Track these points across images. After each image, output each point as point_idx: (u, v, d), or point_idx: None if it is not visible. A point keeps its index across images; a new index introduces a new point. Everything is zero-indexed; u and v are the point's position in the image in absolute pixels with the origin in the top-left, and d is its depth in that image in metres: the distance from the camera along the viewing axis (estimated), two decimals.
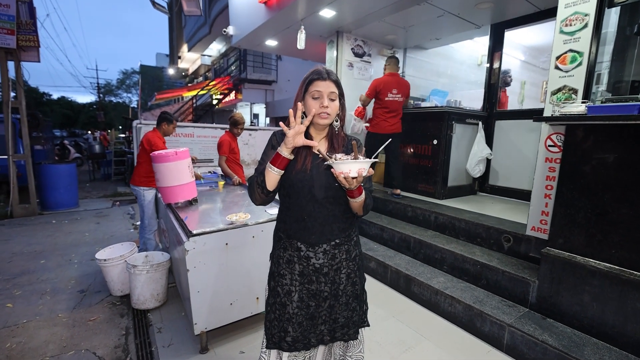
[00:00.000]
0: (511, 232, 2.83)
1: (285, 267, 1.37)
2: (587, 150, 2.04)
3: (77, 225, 5.40)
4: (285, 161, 1.21)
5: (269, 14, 4.88)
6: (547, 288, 2.25)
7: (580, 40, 2.28)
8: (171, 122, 3.59)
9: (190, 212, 2.67)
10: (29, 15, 5.67)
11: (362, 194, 1.23)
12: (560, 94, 2.37)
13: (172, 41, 25.99)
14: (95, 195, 8.15)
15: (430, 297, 2.79)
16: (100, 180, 10.79)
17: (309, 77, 1.27)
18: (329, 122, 1.29)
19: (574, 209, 2.10)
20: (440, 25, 4.69)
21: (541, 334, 2.07)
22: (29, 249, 4.25)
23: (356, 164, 1.07)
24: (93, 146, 12.13)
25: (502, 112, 4.34)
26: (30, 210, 5.87)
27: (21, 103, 5.74)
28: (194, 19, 17.58)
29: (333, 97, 1.25)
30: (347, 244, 1.38)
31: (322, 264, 1.34)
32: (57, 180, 6.25)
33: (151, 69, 40.81)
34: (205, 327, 2.20)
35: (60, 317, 2.74)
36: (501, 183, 4.34)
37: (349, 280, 1.38)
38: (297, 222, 1.33)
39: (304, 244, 1.34)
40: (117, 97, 41.72)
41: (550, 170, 2.46)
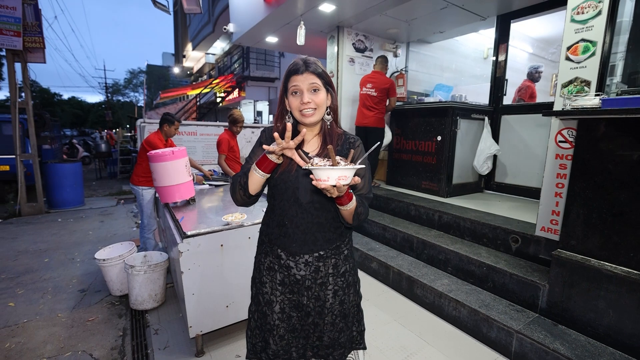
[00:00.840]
0: (519, 233, 2.70)
1: (266, 274, 1.27)
2: (601, 146, 1.90)
3: (82, 223, 5.47)
4: (272, 165, 1.09)
5: (268, 9, 4.79)
6: (558, 292, 2.12)
7: (593, 28, 2.13)
8: (172, 123, 3.54)
9: (188, 212, 2.65)
10: (34, 16, 5.76)
11: (352, 201, 1.09)
12: (572, 87, 2.23)
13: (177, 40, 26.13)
14: (101, 193, 8.27)
15: (433, 300, 2.67)
16: (106, 178, 10.95)
17: (287, 71, 1.14)
18: (316, 119, 1.14)
19: (588, 208, 1.96)
20: (444, 18, 4.53)
21: (552, 342, 1.94)
22: (34, 247, 4.31)
23: (336, 171, 0.91)
24: (99, 145, 12.35)
25: (508, 106, 4.19)
26: (37, 209, 5.97)
27: (28, 103, 5.83)
28: (197, 18, 17.61)
29: (316, 88, 1.10)
30: (334, 257, 1.24)
31: (303, 276, 1.22)
32: (63, 179, 6.33)
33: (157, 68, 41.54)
34: (200, 330, 2.16)
35: (60, 316, 2.75)
36: (508, 180, 4.19)
37: (336, 298, 1.25)
38: (278, 226, 1.23)
39: (284, 251, 1.22)
40: (125, 96, 42.82)
41: (561, 168, 2.32)
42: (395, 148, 4.66)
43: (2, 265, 3.74)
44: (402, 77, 5.42)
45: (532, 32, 5.25)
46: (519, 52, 5.32)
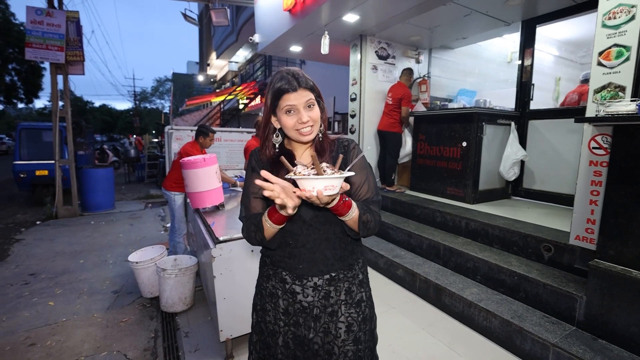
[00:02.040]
0: (551, 241, 2.63)
1: (269, 301, 1.13)
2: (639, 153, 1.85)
3: (113, 226, 5.71)
4: (284, 218, 0.97)
5: (294, 21, 4.92)
6: (597, 305, 2.05)
7: (626, 33, 2.08)
8: (207, 135, 3.67)
9: (217, 217, 2.71)
10: (76, 32, 6.20)
11: (353, 209, 0.97)
12: (605, 92, 2.17)
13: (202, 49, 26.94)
14: (129, 197, 8.60)
15: (463, 310, 2.63)
16: (134, 182, 11.37)
17: (274, 88, 1.01)
18: (315, 135, 1.05)
19: (627, 217, 1.90)
20: (467, 25, 4.52)
21: (593, 357, 1.88)
22: (70, 248, 4.53)
23: (320, 181, 0.82)
24: (129, 150, 12.82)
25: (536, 111, 4.10)
26: (72, 212, 6.32)
27: (67, 112, 6.24)
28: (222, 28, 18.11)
29: (311, 104, 1.02)
30: (347, 281, 1.10)
31: (311, 302, 1.07)
32: (96, 184, 6.69)
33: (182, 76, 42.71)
34: (230, 335, 2.19)
35: (95, 317, 2.88)
36: (537, 187, 4.09)
37: (350, 335, 1.07)
38: (281, 246, 1.09)
39: (289, 274, 1.09)
40: (152, 103, 44.49)
41: (596, 175, 2.26)
42: (419, 154, 4.65)
43: (42, 266, 3.94)
44: (425, 82, 5.41)
45: (559, 34, 5.13)
46: (546, 56, 5.20)
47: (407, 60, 5.54)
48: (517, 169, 3.97)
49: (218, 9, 6.56)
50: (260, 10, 6.24)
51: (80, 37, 6.25)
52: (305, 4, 4.48)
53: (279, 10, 5.19)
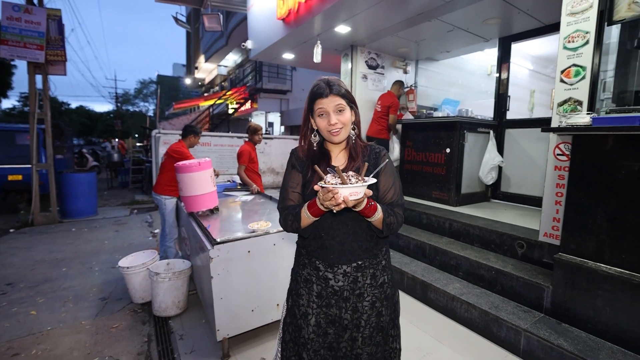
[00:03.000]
0: (524, 238, 2.91)
1: (303, 286, 1.27)
2: (593, 159, 2.14)
3: (97, 233, 5.48)
4: (321, 212, 1.12)
5: (287, 29, 5.08)
6: (561, 293, 2.32)
7: (582, 55, 2.39)
8: (198, 134, 3.73)
9: (212, 221, 2.74)
10: (57, 31, 5.95)
11: (378, 212, 1.12)
12: (567, 106, 2.48)
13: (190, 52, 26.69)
14: (113, 203, 8.25)
15: (446, 303, 2.85)
16: (118, 188, 10.91)
17: (311, 93, 1.20)
18: (344, 137, 1.21)
19: (584, 215, 2.19)
20: (450, 39, 4.84)
21: (557, 339, 2.13)
22: (51, 256, 4.31)
23: (346, 189, 0.97)
24: (111, 154, 12.31)
25: (512, 120, 4.43)
26: (50, 219, 6.00)
27: (46, 114, 5.93)
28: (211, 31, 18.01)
29: (341, 109, 1.17)
30: (372, 267, 1.24)
31: (341, 287, 1.22)
32: (77, 189, 6.39)
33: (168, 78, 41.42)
34: (227, 334, 2.23)
35: (84, 324, 2.78)
36: (513, 190, 4.41)
37: (374, 310, 1.24)
38: (315, 239, 1.24)
39: (322, 263, 1.23)
40: (135, 106, 42.60)
41: (560, 178, 2.55)
42: (406, 159, 4.90)
43: (20, 275, 3.72)
44: (412, 92, 5.70)
45: (533, 51, 5.50)
46: (522, 70, 5.57)
47: (396, 70, 5.83)
48: (495, 173, 4.28)
49: (211, 15, 6.59)
50: (253, 17, 6.37)
51: (63, 36, 6.00)
52: (299, 14, 4.65)
53: (273, 19, 5.34)
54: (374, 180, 1.03)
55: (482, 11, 3.86)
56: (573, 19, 2.43)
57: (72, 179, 6.37)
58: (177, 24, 7.67)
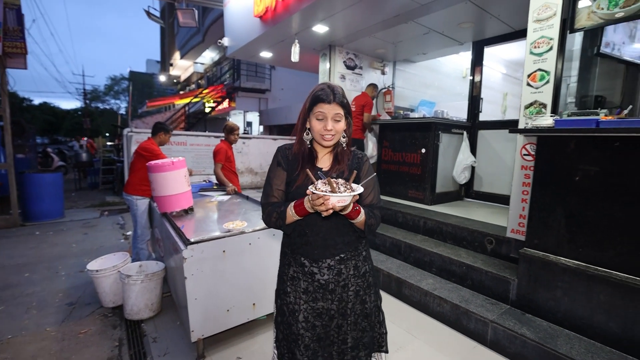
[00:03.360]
0: (493, 235, 3.04)
1: (290, 284, 1.33)
2: (555, 159, 2.27)
3: (64, 236, 5.23)
4: (307, 213, 1.19)
5: (264, 27, 5.06)
6: (525, 286, 2.45)
7: (547, 60, 2.53)
8: (168, 131, 3.63)
9: (187, 221, 2.70)
10: (16, 21, 5.53)
11: (361, 215, 1.21)
12: (532, 108, 2.62)
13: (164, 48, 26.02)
14: (82, 205, 7.88)
15: (420, 299, 2.94)
16: (87, 189, 10.40)
17: (314, 95, 1.24)
18: (333, 143, 1.28)
19: (546, 212, 2.32)
20: (426, 42, 4.97)
21: (520, 328, 2.26)
22: (11, 262, 4.07)
23: (335, 197, 1.05)
24: (79, 154, 11.80)
25: (484, 122, 4.60)
26: (11, 222, 5.66)
27: (5, 110, 5.57)
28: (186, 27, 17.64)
29: (338, 119, 1.23)
30: (354, 259, 1.32)
31: (327, 280, 1.29)
32: (41, 190, 6.06)
33: (141, 75, 39.88)
34: (202, 334, 2.21)
35: (49, 331, 2.65)
36: (485, 189, 4.58)
37: (358, 298, 1.32)
38: (299, 236, 1.30)
39: (307, 259, 1.30)
40: (105, 103, 40.58)
41: (526, 177, 2.69)
42: (383, 159, 5.00)
43: None
44: (390, 93, 5.81)
45: (505, 55, 5.73)
46: (494, 73, 5.78)
47: (374, 71, 5.92)
48: (468, 173, 4.44)
49: (185, 10, 6.40)
50: (230, 14, 6.30)
51: (22, 27, 5.56)
52: (276, 12, 4.64)
53: (250, 16, 5.30)
54: (361, 189, 1.10)
55: (457, 15, 4.00)
56: (539, 25, 2.57)
57: (36, 179, 6.03)
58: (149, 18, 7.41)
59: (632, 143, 1.93)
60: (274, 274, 2.43)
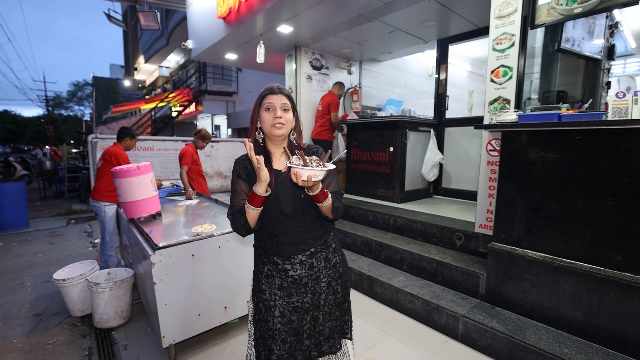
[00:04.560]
0: (462, 231, 3.06)
1: (265, 282, 1.36)
2: (519, 153, 2.30)
3: (29, 246, 5.12)
4: (262, 199, 1.21)
5: (228, 29, 4.96)
6: (494, 279, 2.47)
7: (509, 56, 2.57)
8: (134, 136, 3.57)
9: (155, 226, 2.68)
10: None
11: (328, 198, 1.25)
12: (496, 104, 2.64)
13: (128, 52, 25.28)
14: (47, 214, 7.73)
15: (391, 296, 2.92)
16: (52, 198, 10.22)
17: (261, 93, 1.32)
18: (285, 133, 1.31)
19: (512, 206, 2.34)
20: (392, 40, 4.99)
21: (490, 322, 2.26)
22: None
23: (310, 171, 1.11)
24: (43, 162, 11.42)
25: (450, 119, 4.67)
26: None
27: None
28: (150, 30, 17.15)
29: (286, 108, 1.29)
30: (324, 251, 1.38)
31: (300, 275, 1.33)
32: (3, 200, 5.92)
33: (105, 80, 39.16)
34: (173, 340, 2.18)
35: (15, 342, 2.61)
36: (453, 186, 4.65)
37: (330, 289, 1.38)
38: (270, 238, 1.34)
39: (279, 257, 1.33)
40: (68, 110, 39.49)
41: (492, 173, 2.72)
42: (352, 159, 4.97)
43: None
44: (357, 92, 5.81)
45: (471, 53, 5.87)
46: (460, 71, 5.91)
47: (340, 71, 5.90)
48: (436, 170, 4.48)
49: (147, 12, 6.20)
50: (193, 16, 6.16)
51: None
52: (240, 13, 4.56)
53: (213, 18, 5.19)
54: (333, 166, 1.17)
55: (420, 13, 4.02)
56: (500, 22, 2.60)
57: None
58: (109, 21, 7.12)
59: (592, 136, 1.96)
60: (244, 276, 2.30)
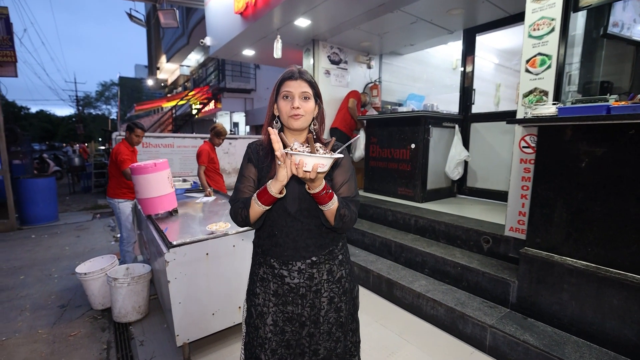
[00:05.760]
0: (490, 234, 2.85)
1: (260, 285, 1.25)
2: (559, 151, 2.07)
3: (57, 239, 5.34)
4: (272, 199, 1.06)
5: (245, 24, 4.90)
6: (526, 288, 2.26)
7: (548, 43, 2.33)
8: (132, 130, 3.51)
9: (171, 223, 2.68)
10: (5, 30, 5.70)
11: (333, 201, 1.07)
12: (532, 96, 2.41)
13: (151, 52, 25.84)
14: (75, 208, 8.06)
15: (412, 301, 2.76)
16: (80, 192, 10.67)
17: (280, 78, 1.17)
18: (303, 125, 1.15)
19: (550, 208, 2.12)
20: (414, 32, 4.77)
21: (522, 334, 2.07)
22: (8, 265, 4.19)
23: (314, 158, 0.92)
24: (72, 159, 12.06)
25: (477, 114, 4.41)
26: (9, 226, 5.82)
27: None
28: (172, 30, 17.55)
29: (306, 96, 1.14)
30: (328, 262, 1.22)
31: (297, 284, 1.20)
32: (36, 195, 6.20)
33: (130, 80, 40.96)
34: (187, 339, 2.17)
35: (40, 333, 2.70)
36: (479, 185, 4.39)
37: (332, 305, 1.22)
38: (269, 237, 1.22)
39: (276, 261, 1.21)
40: (97, 109, 42.04)
41: (526, 171, 2.50)
42: (371, 156, 4.80)
43: None
44: (376, 87, 5.62)
45: (498, 44, 5.56)
46: (487, 63, 5.61)
47: (359, 65, 5.72)
48: (461, 168, 4.24)
49: (166, 10, 6.29)
50: (211, 12, 6.15)
51: (11, 35, 5.74)
52: (257, 8, 4.48)
53: (230, 13, 5.15)
54: (340, 155, 0.97)
55: (446, 1, 3.79)
56: (538, 5, 2.37)
57: (30, 184, 6.17)
58: (131, 20, 7.26)
59: None
60: None
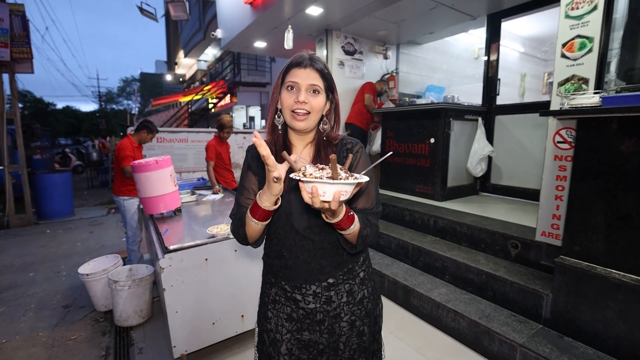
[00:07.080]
0: (518, 238, 2.58)
1: (271, 308, 1.09)
2: (603, 147, 1.80)
3: (71, 234, 5.36)
4: (266, 212, 0.90)
5: (255, 14, 4.75)
6: (563, 302, 2.00)
7: (589, 24, 2.04)
8: (152, 131, 3.46)
9: (173, 223, 2.57)
10: (22, 27, 5.74)
11: (355, 223, 0.90)
12: (569, 85, 2.12)
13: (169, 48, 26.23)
14: (91, 202, 8.15)
15: (431, 311, 2.55)
16: (98, 187, 10.88)
17: (287, 64, 0.98)
18: (308, 126, 0.97)
19: (591, 212, 1.85)
20: (434, 18, 4.48)
21: (559, 356, 1.82)
22: (20, 260, 4.21)
23: (333, 186, 0.73)
24: (91, 153, 12.28)
25: (502, 106, 4.09)
26: (26, 220, 5.90)
27: (16, 114, 5.79)
28: (189, 26, 17.68)
29: (315, 89, 0.95)
30: (347, 282, 1.06)
31: (313, 309, 1.04)
32: (52, 190, 6.28)
33: (151, 76, 42.12)
34: (185, 350, 2.04)
35: (40, 336, 2.65)
36: (504, 182, 4.08)
37: (354, 330, 1.06)
38: (277, 257, 1.05)
39: (288, 284, 1.05)
40: (119, 104, 43.35)
41: (561, 169, 2.22)
42: (387, 151, 4.55)
43: None
44: (393, 79, 5.36)
45: (522, 31, 5.20)
46: (511, 52, 5.26)
47: (375, 56, 5.46)
48: (485, 164, 3.96)
49: (176, 2, 6.21)
50: (222, 3, 6.05)
51: (27, 32, 5.78)
52: None
53: (240, 4, 5.02)
54: (366, 178, 0.77)
55: None
56: None
57: (46, 179, 6.23)
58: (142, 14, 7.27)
59: None
60: None
